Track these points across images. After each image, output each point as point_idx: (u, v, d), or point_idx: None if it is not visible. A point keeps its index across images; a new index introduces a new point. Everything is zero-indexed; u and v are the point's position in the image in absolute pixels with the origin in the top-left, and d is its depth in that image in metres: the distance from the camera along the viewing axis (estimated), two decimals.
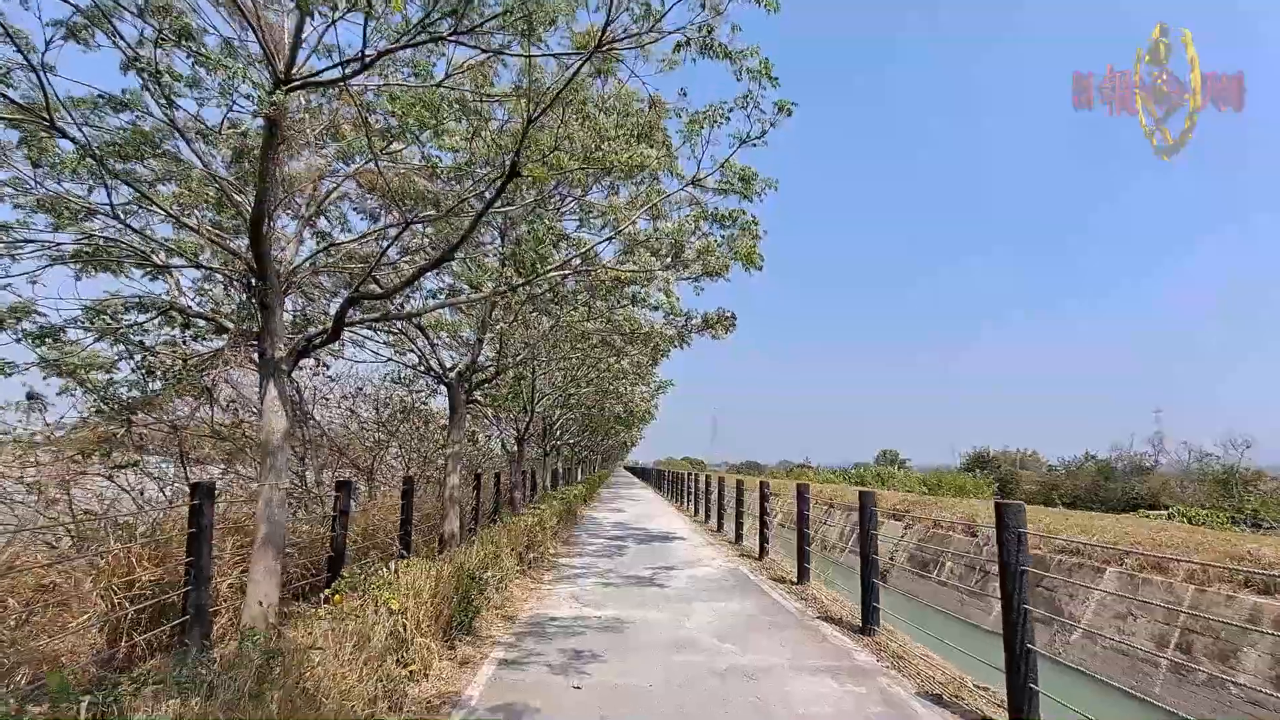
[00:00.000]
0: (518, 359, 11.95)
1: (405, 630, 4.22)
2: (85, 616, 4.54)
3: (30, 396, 7.30)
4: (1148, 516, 22.63)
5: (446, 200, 6.91)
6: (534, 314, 10.64)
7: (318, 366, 11.24)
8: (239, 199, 5.56)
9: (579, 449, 36.09)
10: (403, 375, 14.01)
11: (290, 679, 2.70)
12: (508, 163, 4.25)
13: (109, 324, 6.92)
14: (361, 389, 13.85)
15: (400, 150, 6.70)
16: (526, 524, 9.30)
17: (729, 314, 11.10)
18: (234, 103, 4.43)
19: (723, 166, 7.07)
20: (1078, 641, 11.49)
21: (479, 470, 15.38)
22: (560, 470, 28.54)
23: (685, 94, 5.64)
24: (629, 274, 8.20)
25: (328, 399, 12.93)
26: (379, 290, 5.87)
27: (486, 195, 7.39)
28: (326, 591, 4.30)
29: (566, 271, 6.85)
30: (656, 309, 9.47)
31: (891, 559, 18.72)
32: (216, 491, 8.47)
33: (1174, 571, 10.62)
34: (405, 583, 4.47)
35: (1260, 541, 11.56)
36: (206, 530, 5.15)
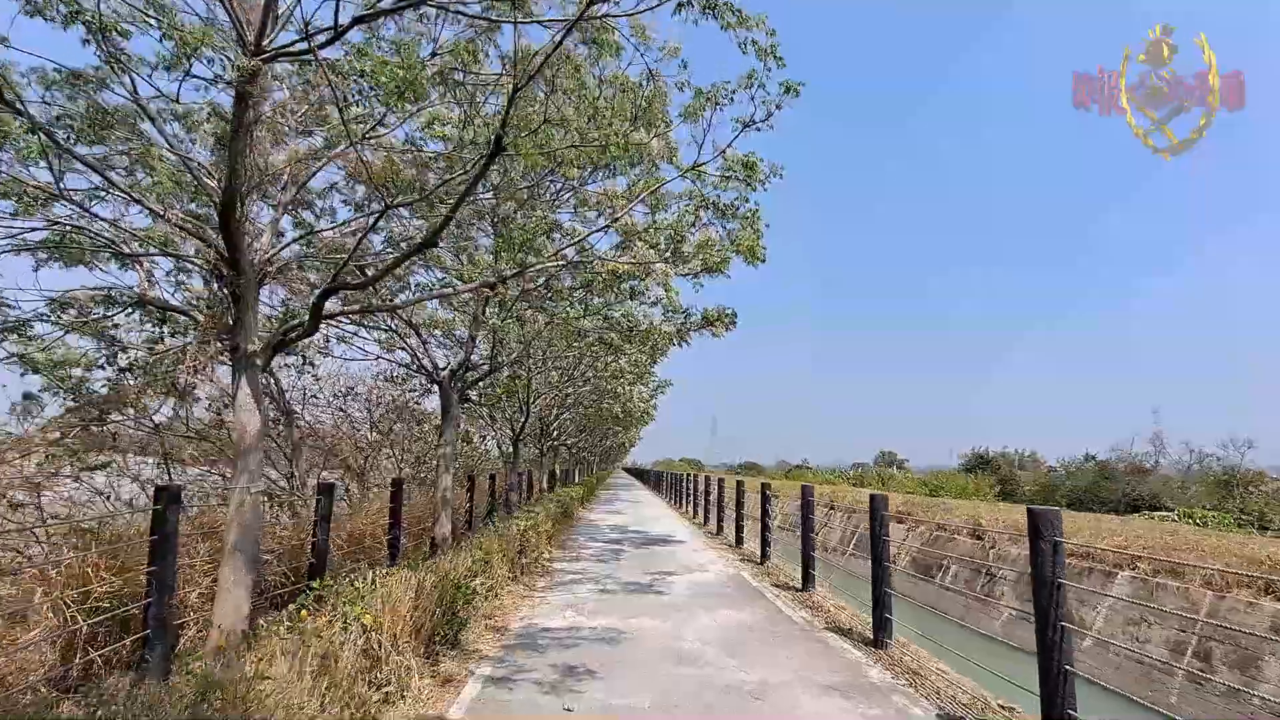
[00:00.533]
0: (512, 358, 11.59)
1: (379, 648, 3.86)
2: (34, 632, 4.18)
3: (27, 396, 6.94)
4: (1152, 518, 22.31)
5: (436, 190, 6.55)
6: (528, 310, 10.28)
7: (304, 365, 10.89)
8: (211, 184, 5.21)
9: (577, 450, 35.75)
10: (395, 374, 13.67)
11: (234, 713, 2.35)
12: (493, 139, 3.90)
13: (78, 318, 6.57)
14: (353, 388, 13.51)
15: (384, 134, 6.35)
16: (520, 528, 8.94)
17: (729, 311, 10.76)
18: (190, 69, 4.08)
19: (724, 154, 6.73)
20: (1089, 649, 11.15)
21: (474, 472, 15.03)
22: (558, 471, 28.18)
23: (686, 66, 5.28)
24: (626, 267, 7.86)
25: (316, 398, 12.59)
26: (358, 280, 5.51)
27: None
28: (291, 606, 3.94)
29: (560, 263, 6.50)
30: (655, 304, 9.12)
31: (894, 562, 18.36)
32: (190, 494, 8.08)
33: (1190, 576, 10.28)
34: (381, 595, 4.11)
35: (1279, 545, 11.23)
36: (171, 537, 4.79)
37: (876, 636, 5.69)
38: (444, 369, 10.36)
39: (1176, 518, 22.72)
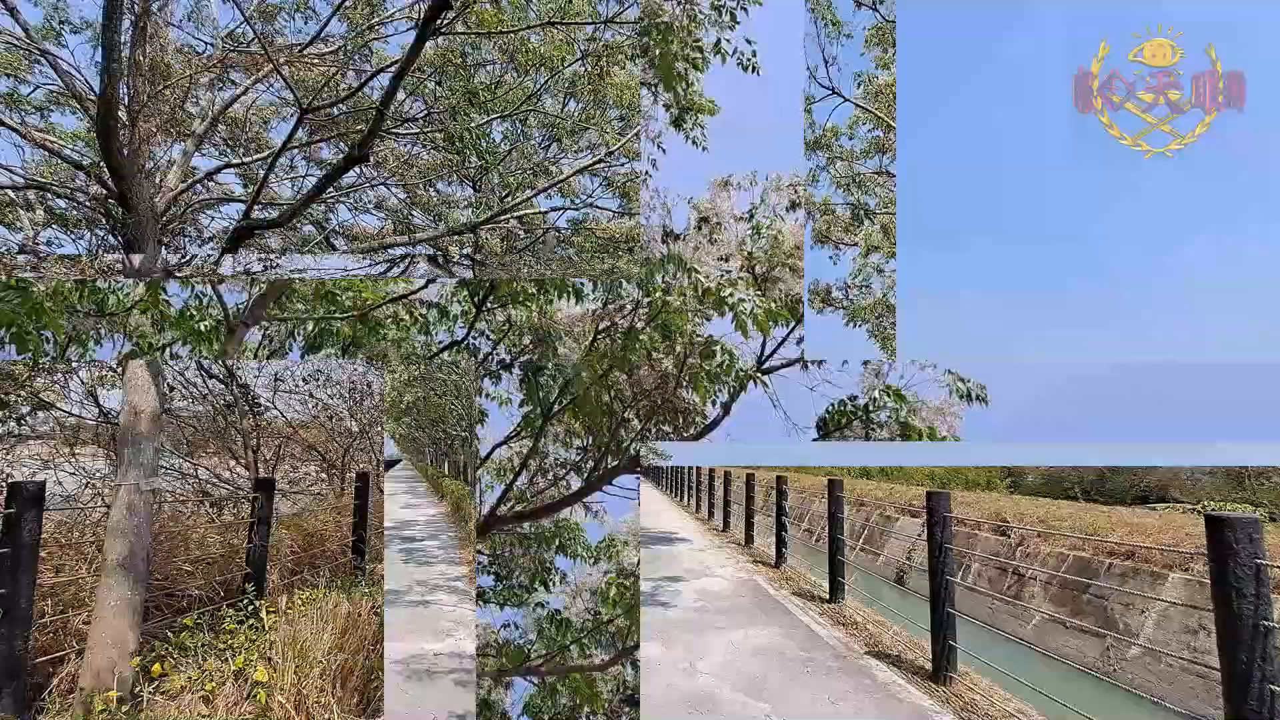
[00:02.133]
0: None
1: (280, 710, 2.74)
2: None
3: None
4: (1177, 509, 21.26)
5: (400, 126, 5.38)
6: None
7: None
8: (84, 92, 4.04)
9: None
10: None
11: None
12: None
13: None
14: (323, 372, 12.34)
15: (319, 56, 5.18)
16: None
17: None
18: None
19: None
20: (1136, 658, 10.08)
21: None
22: None
23: None
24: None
25: (283, 382, 11.45)
26: (274, 218, 4.35)
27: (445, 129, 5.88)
28: (134, 662, 2.82)
29: (545, 210, 5.36)
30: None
31: (908, 559, 17.32)
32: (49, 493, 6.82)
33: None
34: (285, 636, 2.99)
35: None
36: (26, 550, 3.67)
37: (937, 669, 4.57)
38: None
39: (1199, 511, 21.68)
